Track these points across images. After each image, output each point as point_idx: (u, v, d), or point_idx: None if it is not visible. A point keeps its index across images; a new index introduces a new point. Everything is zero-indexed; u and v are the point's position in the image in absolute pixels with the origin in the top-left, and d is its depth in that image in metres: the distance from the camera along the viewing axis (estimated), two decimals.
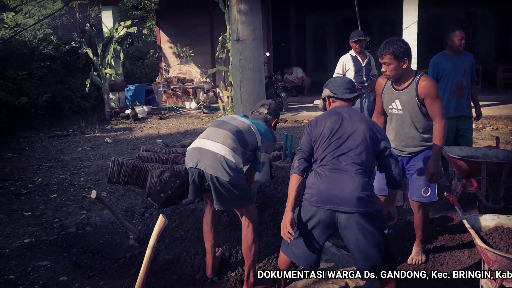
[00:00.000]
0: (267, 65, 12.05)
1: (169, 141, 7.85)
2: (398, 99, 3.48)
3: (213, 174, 3.06)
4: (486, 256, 2.79)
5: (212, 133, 3.25)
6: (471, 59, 5.13)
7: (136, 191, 5.61)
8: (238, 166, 3.11)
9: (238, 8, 4.75)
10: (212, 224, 3.46)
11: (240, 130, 3.25)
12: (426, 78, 3.42)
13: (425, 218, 3.68)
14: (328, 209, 2.70)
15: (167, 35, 13.28)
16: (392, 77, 3.43)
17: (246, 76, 4.92)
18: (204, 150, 3.15)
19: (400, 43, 3.35)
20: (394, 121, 3.57)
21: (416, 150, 3.56)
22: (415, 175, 3.57)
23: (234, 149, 3.12)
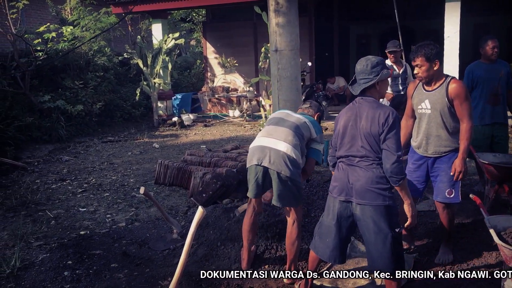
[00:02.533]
0: (309, 74, 12.29)
1: (213, 147, 8.23)
2: (428, 99, 3.68)
3: (277, 170, 3.33)
4: (504, 254, 2.94)
5: (272, 131, 3.51)
6: (507, 66, 5.19)
7: (181, 191, 6.00)
8: (298, 161, 3.38)
9: (276, 21, 5.08)
10: (252, 225, 3.71)
11: (298, 125, 3.53)
12: (456, 80, 3.64)
13: (450, 218, 3.82)
14: (344, 200, 2.94)
15: (213, 46, 13.79)
16: (424, 78, 3.65)
17: (284, 84, 5.24)
18: (267, 148, 3.42)
19: (431, 45, 3.58)
20: (423, 121, 3.74)
21: (441, 151, 3.71)
22: (440, 176, 3.73)
23: (295, 146, 3.40)
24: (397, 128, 2.91)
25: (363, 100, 3.03)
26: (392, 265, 2.90)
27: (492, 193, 4.82)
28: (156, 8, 11.54)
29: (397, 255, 2.94)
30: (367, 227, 2.92)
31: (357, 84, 3.04)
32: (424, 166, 3.82)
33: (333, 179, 3.09)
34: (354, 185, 2.92)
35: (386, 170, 2.88)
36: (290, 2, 5.08)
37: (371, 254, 2.95)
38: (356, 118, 3.00)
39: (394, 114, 2.93)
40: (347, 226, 3.04)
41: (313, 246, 3.20)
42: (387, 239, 2.88)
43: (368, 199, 2.89)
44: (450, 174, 3.67)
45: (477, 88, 5.19)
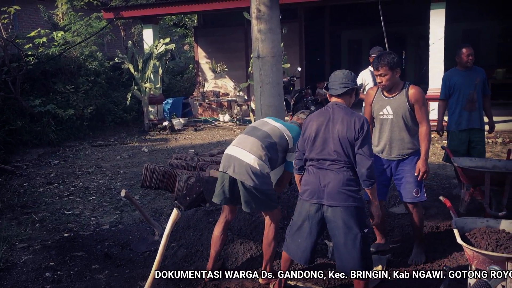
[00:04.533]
0: (299, 79, 12.44)
1: (201, 151, 8.34)
2: (389, 105, 3.82)
3: (239, 179, 3.43)
4: (467, 254, 3.05)
5: (241, 141, 3.60)
6: (483, 73, 5.32)
7: (166, 195, 6.10)
8: (263, 171, 3.43)
9: (258, 28, 5.19)
10: (223, 232, 3.75)
11: (269, 135, 3.59)
12: (414, 86, 3.82)
13: (420, 217, 3.98)
14: (315, 203, 3.04)
15: (204, 51, 13.92)
16: (387, 87, 3.78)
17: (266, 90, 5.33)
18: (233, 157, 3.51)
19: (393, 55, 3.73)
20: (385, 126, 3.87)
21: (404, 153, 3.87)
22: (405, 178, 3.87)
23: (261, 156, 3.46)
24: (369, 135, 3.10)
25: (337, 106, 3.16)
26: (361, 264, 3.01)
27: (468, 196, 4.94)
28: (147, 14, 11.67)
29: (365, 254, 3.05)
30: (337, 228, 3.02)
31: (335, 88, 3.17)
32: (388, 169, 3.96)
33: (304, 182, 3.18)
34: (326, 188, 3.03)
35: (362, 174, 3.02)
36: (272, 9, 5.19)
37: (341, 254, 3.05)
38: (329, 122, 3.11)
39: (367, 121, 3.11)
40: (317, 228, 3.14)
41: (285, 247, 3.30)
42: (356, 239, 2.99)
43: (339, 200, 3.00)
44: (414, 175, 3.83)
45: (454, 95, 5.33)
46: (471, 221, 3.43)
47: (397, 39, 15.74)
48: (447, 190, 5.88)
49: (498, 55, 14.62)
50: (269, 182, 3.48)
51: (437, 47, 9.56)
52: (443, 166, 6.92)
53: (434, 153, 7.99)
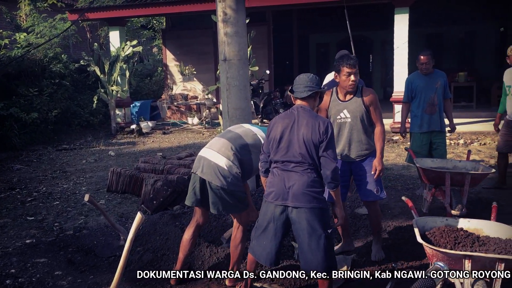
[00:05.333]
0: (268, 82, 12.51)
1: (169, 154, 8.27)
2: (346, 108, 3.91)
3: (207, 180, 3.44)
4: (427, 252, 3.13)
5: (213, 142, 3.63)
6: (444, 77, 5.48)
7: (133, 199, 6.03)
8: (232, 172, 3.43)
9: (224, 31, 5.20)
10: (193, 236, 3.74)
11: (241, 136, 3.61)
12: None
13: (379, 215, 4.16)
14: (280, 205, 3.07)
15: (173, 53, 13.83)
16: (355, 87, 3.86)
17: (233, 92, 5.35)
18: (203, 158, 3.54)
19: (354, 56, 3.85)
20: (344, 129, 3.95)
21: (363, 154, 3.98)
22: (366, 178, 3.98)
23: (229, 157, 3.47)
24: (333, 138, 3.17)
25: (302, 108, 3.20)
26: (325, 264, 3.05)
27: (430, 196, 5.08)
28: (113, 16, 11.52)
29: (329, 255, 3.09)
30: (302, 229, 3.06)
31: (300, 91, 3.22)
32: (348, 171, 4.05)
33: (269, 184, 3.21)
34: (291, 189, 3.06)
35: (326, 176, 3.09)
36: (238, 13, 5.21)
37: (305, 255, 3.09)
38: (294, 125, 3.15)
39: (331, 125, 3.18)
40: (282, 230, 3.17)
41: (251, 250, 3.32)
42: (320, 240, 3.03)
43: (303, 202, 3.04)
44: (371, 175, 3.96)
45: (416, 98, 5.47)
46: (431, 220, 3.52)
47: (364, 43, 16.05)
48: (411, 190, 6.02)
49: (460, 58, 15.09)
50: (238, 184, 3.48)
51: (402, 51, 9.79)
52: (407, 167, 7.08)
53: (399, 155, 8.17)
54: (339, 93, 3.97)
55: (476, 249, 3.04)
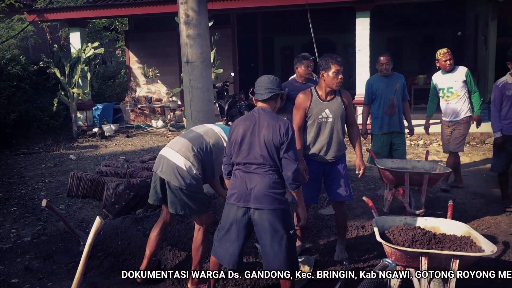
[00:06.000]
0: (233, 84, 12.51)
1: (132, 158, 8.14)
2: (328, 108, 3.92)
3: (166, 179, 3.43)
4: (386, 251, 3.20)
5: (174, 142, 3.62)
6: (402, 79, 5.62)
7: (94, 203, 5.90)
8: (191, 173, 3.42)
9: (187, 33, 5.17)
10: (159, 233, 3.76)
11: (202, 136, 3.60)
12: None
13: (346, 215, 4.24)
14: (242, 206, 3.08)
15: (136, 55, 13.64)
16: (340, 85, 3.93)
17: (195, 95, 5.32)
18: (163, 157, 3.52)
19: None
20: (324, 129, 3.94)
21: (338, 155, 4.03)
22: (337, 179, 4.03)
23: (189, 157, 3.45)
24: (294, 139, 3.19)
25: (263, 110, 3.21)
26: (287, 265, 3.06)
27: (390, 196, 5.19)
28: (73, 17, 11.26)
29: (291, 255, 3.11)
30: (264, 230, 3.07)
31: (261, 93, 3.23)
32: (321, 173, 4.07)
33: (231, 186, 3.21)
34: (252, 191, 3.07)
35: (288, 178, 3.11)
36: (200, 15, 5.19)
37: (267, 256, 3.10)
38: (255, 126, 3.15)
39: (292, 126, 3.20)
40: (244, 232, 3.17)
41: (213, 252, 3.30)
42: (283, 240, 3.05)
43: (265, 203, 3.05)
44: (344, 175, 4.02)
45: (376, 100, 5.59)
46: (391, 219, 3.60)
47: (327, 46, 16.27)
48: (373, 191, 6.14)
49: (420, 62, 15.51)
50: (197, 185, 3.47)
51: (363, 54, 9.97)
52: (369, 168, 7.16)
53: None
54: (320, 93, 3.96)
55: (432, 246, 3.12)
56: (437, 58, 5.82)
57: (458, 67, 5.85)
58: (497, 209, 5.25)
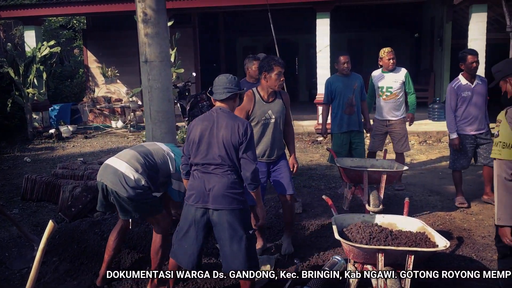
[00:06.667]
0: (195, 84, 12.40)
1: (91, 159, 7.95)
2: (270, 109, 4.00)
3: (113, 189, 3.35)
4: (344, 248, 3.24)
5: (122, 153, 3.55)
6: (360, 79, 5.71)
7: (49, 207, 5.71)
8: (139, 183, 3.35)
9: (145, 32, 5.07)
10: (117, 237, 3.68)
11: (151, 153, 3.55)
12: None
13: (294, 209, 4.37)
14: (201, 207, 3.05)
15: (95, 55, 13.34)
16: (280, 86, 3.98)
17: (155, 95, 5.22)
18: (109, 166, 3.44)
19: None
20: (268, 130, 4.02)
21: (280, 153, 4.15)
22: (282, 174, 4.11)
23: (136, 168, 3.39)
24: (253, 139, 3.18)
25: (221, 110, 3.19)
26: (247, 265, 3.05)
27: (350, 194, 5.28)
28: (28, 15, 10.90)
29: (251, 255, 3.10)
30: (223, 231, 3.04)
31: (219, 92, 3.20)
32: (266, 172, 4.11)
33: (189, 187, 3.18)
34: (211, 192, 3.04)
35: (247, 178, 3.10)
36: (159, 13, 5.10)
37: (226, 256, 3.08)
38: (213, 127, 3.13)
39: (251, 126, 3.18)
40: (203, 233, 3.14)
41: (172, 254, 3.26)
42: (242, 241, 3.03)
43: (224, 203, 3.03)
44: (288, 171, 4.13)
45: (335, 99, 5.65)
46: (349, 217, 3.66)
47: (289, 46, 16.39)
48: (333, 189, 6.22)
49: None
50: (145, 193, 3.40)
51: (324, 54, 10.10)
52: (330, 167, 7.31)
53: (323, 155, 8.42)
54: (262, 94, 4.01)
55: (389, 243, 3.19)
56: (381, 57, 5.88)
57: (399, 67, 5.92)
58: (451, 206, 5.41)
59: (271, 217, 5.02)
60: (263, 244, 4.28)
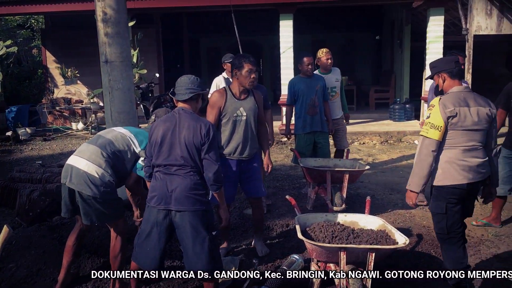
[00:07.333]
0: (158, 85, 12.25)
1: (50, 162, 7.71)
2: (242, 106, 3.99)
3: (77, 189, 3.26)
4: (307, 247, 3.26)
5: (82, 149, 3.44)
6: (323, 80, 5.76)
7: (6, 212, 5.51)
8: (104, 180, 3.29)
9: (105, 31, 4.98)
10: (76, 242, 3.59)
11: (112, 141, 3.45)
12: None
13: (263, 211, 4.41)
14: (163, 209, 3.01)
15: (54, 55, 12.98)
16: (254, 85, 3.99)
17: (116, 96, 5.14)
18: (70, 166, 3.35)
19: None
20: (239, 127, 4.00)
21: (253, 152, 4.11)
22: (254, 175, 4.10)
23: (99, 164, 3.31)
24: (216, 140, 3.15)
25: (183, 111, 3.16)
26: (210, 266, 3.03)
27: (313, 194, 5.33)
28: None
29: (214, 256, 3.08)
30: (185, 232, 3.01)
31: (182, 93, 3.17)
32: (237, 171, 4.09)
33: (151, 189, 3.13)
34: (173, 193, 3.00)
35: (209, 179, 3.07)
36: (119, 13, 5.01)
37: (190, 258, 3.04)
38: (175, 128, 3.09)
39: (214, 127, 3.16)
40: (166, 235, 3.10)
41: (134, 257, 3.20)
42: (204, 242, 3.01)
43: (186, 205, 3.00)
44: (259, 173, 4.12)
45: (298, 100, 5.67)
46: (313, 216, 3.69)
47: (254, 47, 16.43)
48: (297, 189, 6.26)
49: (342, 64, 16.07)
50: (111, 191, 3.35)
51: (287, 55, 10.17)
52: (294, 167, 7.36)
53: (287, 156, 8.47)
54: (234, 91, 4.00)
55: (351, 241, 3.23)
56: (319, 57, 5.92)
57: (334, 68, 6.03)
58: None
59: (236, 218, 5.01)
60: (227, 246, 4.26)
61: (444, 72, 3.38)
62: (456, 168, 3.21)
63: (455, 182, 3.21)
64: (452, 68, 3.37)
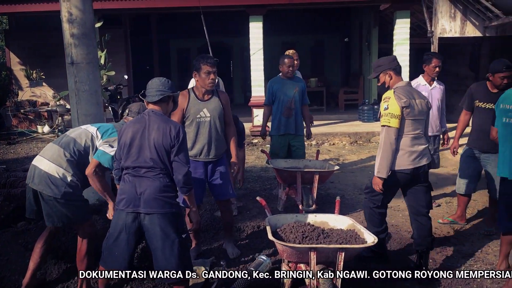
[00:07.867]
0: (126, 87, 12.08)
1: (14, 167, 7.50)
2: (205, 108, 3.99)
3: (38, 190, 3.21)
4: (278, 248, 3.26)
5: (46, 149, 3.41)
6: (302, 83, 5.75)
7: None
8: (65, 180, 3.25)
9: (70, 32, 4.89)
10: (44, 244, 3.52)
11: (75, 139, 3.41)
12: (222, 91, 4.24)
13: (232, 213, 4.42)
14: (132, 212, 2.96)
15: (18, 56, 12.63)
16: (214, 86, 3.99)
17: (83, 98, 5.04)
18: (33, 166, 3.32)
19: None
20: (203, 128, 4.00)
21: (220, 153, 4.11)
22: (221, 177, 4.09)
23: (60, 164, 3.27)
24: (186, 142, 3.15)
25: (153, 113, 3.13)
26: (180, 269, 3.00)
27: (284, 195, 5.34)
28: None
29: (184, 259, 3.06)
30: (155, 235, 2.97)
31: (152, 95, 3.15)
32: (204, 172, 4.08)
33: (120, 191, 3.08)
34: (142, 195, 2.97)
35: (179, 181, 3.05)
36: (85, 13, 4.91)
37: (159, 262, 3.01)
38: (145, 130, 3.06)
39: (183, 129, 3.14)
40: (135, 238, 3.06)
41: (102, 261, 3.14)
42: (174, 245, 2.98)
43: (156, 207, 2.97)
44: (226, 174, 4.11)
45: (275, 102, 5.62)
46: (283, 217, 3.71)
47: (224, 49, 16.40)
48: (268, 191, 6.27)
49: (312, 65, 16.24)
50: (74, 192, 3.30)
51: (257, 57, 10.19)
52: (265, 168, 7.38)
53: (258, 157, 8.48)
54: (197, 93, 4.01)
55: (321, 241, 3.26)
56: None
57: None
58: None
59: (206, 220, 4.98)
60: (197, 248, 4.23)
61: (390, 70, 3.75)
62: (405, 154, 3.63)
63: (401, 167, 3.65)
64: (396, 66, 3.78)
